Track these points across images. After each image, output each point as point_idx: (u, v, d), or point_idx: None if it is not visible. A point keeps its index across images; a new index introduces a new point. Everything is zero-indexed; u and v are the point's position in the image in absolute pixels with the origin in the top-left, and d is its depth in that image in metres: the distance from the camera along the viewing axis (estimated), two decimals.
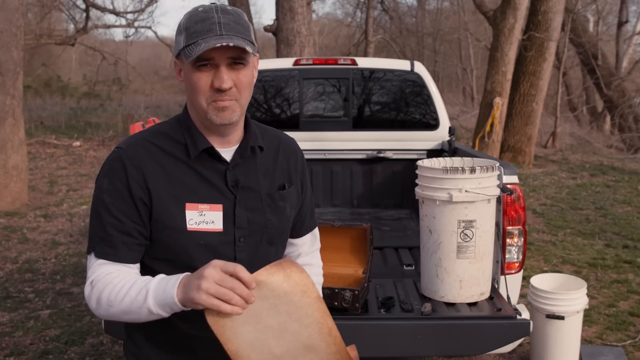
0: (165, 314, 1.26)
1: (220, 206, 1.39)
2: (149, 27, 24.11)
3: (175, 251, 1.37)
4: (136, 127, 3.63)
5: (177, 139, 1.41)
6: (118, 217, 1.34)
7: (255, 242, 1.44)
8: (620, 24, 17.74)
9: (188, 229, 1.36)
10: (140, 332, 1.46)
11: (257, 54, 1.41)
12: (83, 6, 15.34)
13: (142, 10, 16.96)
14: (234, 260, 1.39)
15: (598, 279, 5.04)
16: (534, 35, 10.91)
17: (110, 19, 59.28)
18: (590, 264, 5.40)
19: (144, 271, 1.40)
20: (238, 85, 1.34)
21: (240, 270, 1.17)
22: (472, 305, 2.61)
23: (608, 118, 17.25)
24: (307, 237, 1.64)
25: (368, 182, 4.45)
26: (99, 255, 1.35)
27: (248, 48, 1.30)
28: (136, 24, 17.21)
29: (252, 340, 1.22)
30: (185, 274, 1.23)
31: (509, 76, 10.50)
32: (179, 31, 1.35)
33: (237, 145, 1.44)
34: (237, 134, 1.44)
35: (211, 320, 1.20)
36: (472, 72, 23.29)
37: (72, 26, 18.79)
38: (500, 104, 10.37)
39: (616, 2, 19.16)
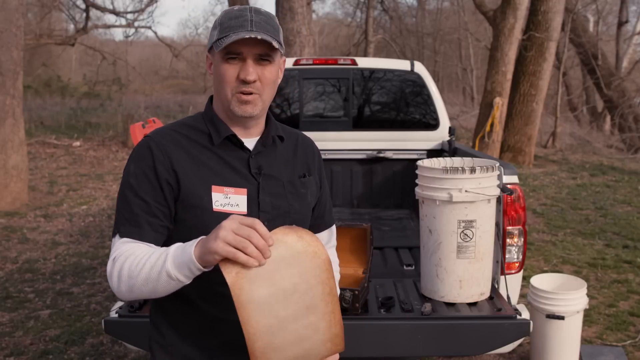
0: (183, 278, 1.25)
1: (244, 190, 1.44)
2: (149, 27, 24.01)
3: (201, 232, 1.40)
4: (136, 127, 3.61)
5: (200, 128, 1.49)
6: (144, 199, 1.40)
7: (278, 227, 1.47)
8: (620, 24, 17.74)
9: (214, 210, 1.40)
10: (164, 320, 1.50)
11: (284, 57, 1.49)
12: (83, 6, 15.34)
13: (142, 10, 16.95)
14: None
15: (598, 279, 5.04)
16: (534, 35, 10.91)
17: (110, 19, 59.33)
18: (590, 264, 5.40)
19: None
20: (262, 80, 1.41)
21: (258, 223, 1.19)
22: (472, 305, 2.61)
23: (608, 118, 17.24)
24: (325, 234, 1.70)
25: (368, 182, 4.45)
26: (124, 235, 1.39)
27: (275, 44, 1.38)
28: (136, 24, 17.20)
29: (263, 305, 1.24)
30: (204, 236, 1.26)
31: (509, 76, 10.50)
32: (214, 27, 1.44)
33: (258, 136, 1.52)
34: (259, 126, 1.52)
35: (230, 279, 1.21)
36: (472, 72, 23.32)
37: (72, 26, 18.81)
38: (500, 104, 10.37)
39: (616, 2, 19.16)
